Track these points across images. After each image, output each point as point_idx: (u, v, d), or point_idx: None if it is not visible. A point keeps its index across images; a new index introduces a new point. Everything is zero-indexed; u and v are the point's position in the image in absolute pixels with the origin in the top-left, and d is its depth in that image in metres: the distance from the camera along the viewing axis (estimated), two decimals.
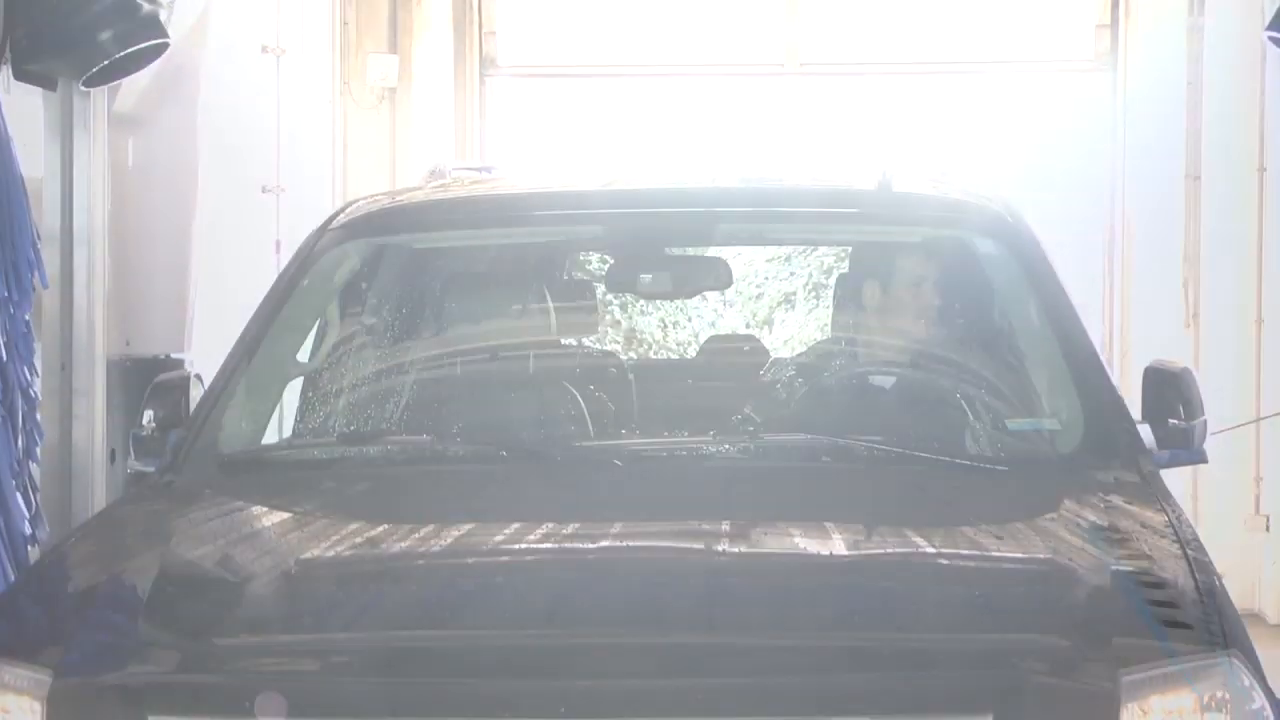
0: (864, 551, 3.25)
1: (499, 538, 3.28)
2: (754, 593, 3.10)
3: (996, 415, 4.03)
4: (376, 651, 2.91)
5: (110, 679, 2.89)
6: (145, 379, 4.63)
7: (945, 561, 3.17)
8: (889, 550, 3.26)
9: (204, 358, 6.28)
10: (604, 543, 3.23)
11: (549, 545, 3.23)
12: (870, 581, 3.11)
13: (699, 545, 3.27)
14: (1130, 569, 3.18)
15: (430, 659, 2.89)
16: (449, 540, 3.30)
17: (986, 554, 3.25)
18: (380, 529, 3.41)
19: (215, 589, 3.14)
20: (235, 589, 3.12)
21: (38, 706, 2.88)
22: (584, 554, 3.16)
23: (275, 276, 4.50)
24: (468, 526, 3.40)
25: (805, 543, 3.29)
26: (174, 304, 6.64)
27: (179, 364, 6.27)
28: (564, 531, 3.29)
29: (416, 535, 3.33)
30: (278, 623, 3.04)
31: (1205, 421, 4.11)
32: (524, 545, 3.23)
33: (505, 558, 3.18)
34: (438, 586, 3.10)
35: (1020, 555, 3.26)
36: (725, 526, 3.39)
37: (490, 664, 2.84)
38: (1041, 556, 3.21)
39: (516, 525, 3.35)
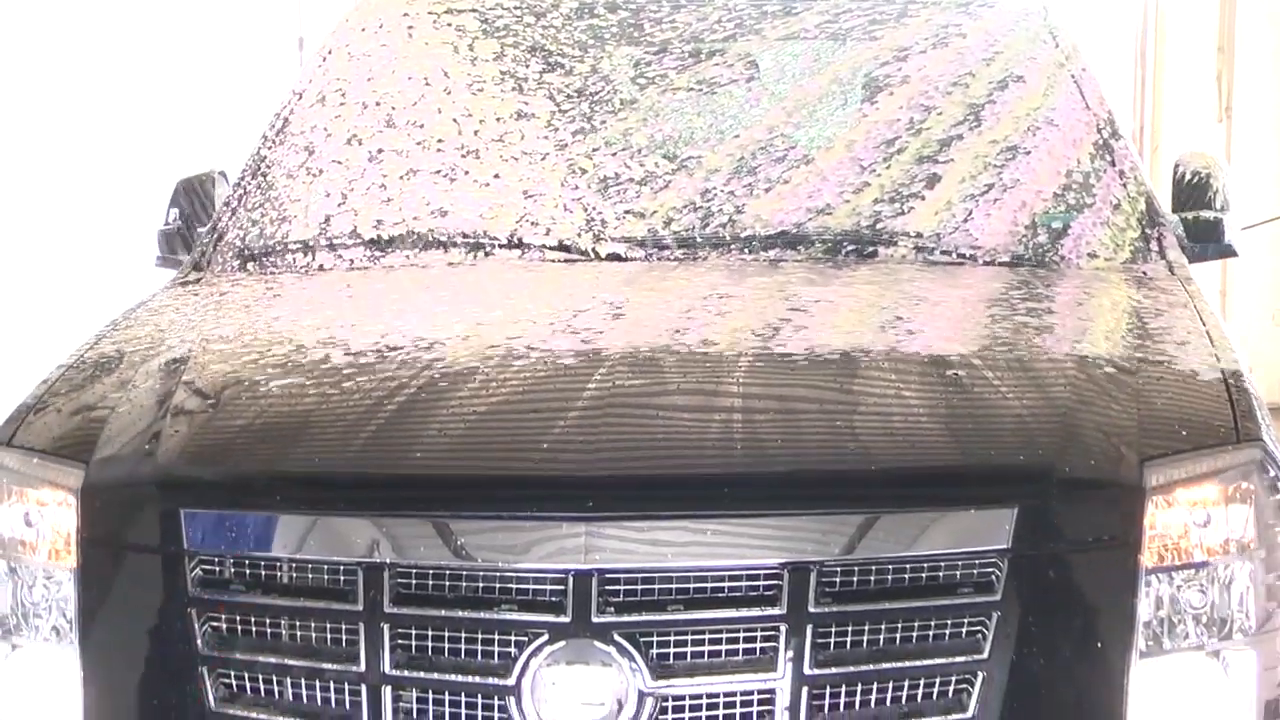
0: (889, 347, 3.24)
1: (524, 337, 3.26)
2: (779, 389, 3.09)
3: (1026, 207, 4.00)
4: (406, 446, 2.92)
5: (143, 472, 2.92)
6: None
7: (970, 356, 3.16)
8: (914, 346, 3.24)
9: None
10: (628, 337, 3.21)
11: (577, 338, 3.21)
12: (893, 377, 3.09)
13: (723, 340, 3.25)
14: (1157, 362, 3.17)
15: (459, 453, 2.91)
16: (478, 335, 3.29)
17: (1011, 348, 3.23)
18: (408, 323, 3.40)
19: (245, 383, 3.15)
20: (265, 383, 3.13)
21: (72, 500, 2.91)
22: (611, 349, 3.15)
23: (298, 73, 4.46)
24: (495, 322, 3.38)
25: (832, 339, 3.27)
26: None
27: None
28: (591, 327, 3.28)
29: (445, 331, 3.32)
30: (309, 416, 3.05)
31: (1236, 215, 4.09)
32: (552, 338, 3.22)
33: (533, 352, 3.17)
34: (466, 381, 3.10)
35: (1046, 349, 3.24)
36: (751, 321, 3.37)
37: (518, 460, 2.86)
38: (1067, 350, 3.20)
39: (544, 320, 3.34)
